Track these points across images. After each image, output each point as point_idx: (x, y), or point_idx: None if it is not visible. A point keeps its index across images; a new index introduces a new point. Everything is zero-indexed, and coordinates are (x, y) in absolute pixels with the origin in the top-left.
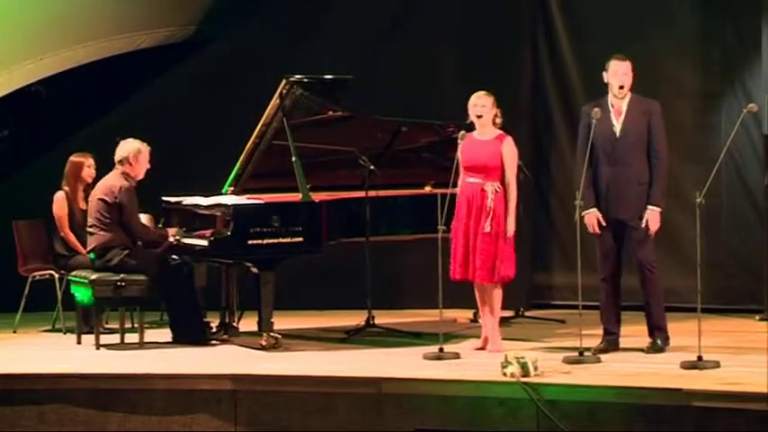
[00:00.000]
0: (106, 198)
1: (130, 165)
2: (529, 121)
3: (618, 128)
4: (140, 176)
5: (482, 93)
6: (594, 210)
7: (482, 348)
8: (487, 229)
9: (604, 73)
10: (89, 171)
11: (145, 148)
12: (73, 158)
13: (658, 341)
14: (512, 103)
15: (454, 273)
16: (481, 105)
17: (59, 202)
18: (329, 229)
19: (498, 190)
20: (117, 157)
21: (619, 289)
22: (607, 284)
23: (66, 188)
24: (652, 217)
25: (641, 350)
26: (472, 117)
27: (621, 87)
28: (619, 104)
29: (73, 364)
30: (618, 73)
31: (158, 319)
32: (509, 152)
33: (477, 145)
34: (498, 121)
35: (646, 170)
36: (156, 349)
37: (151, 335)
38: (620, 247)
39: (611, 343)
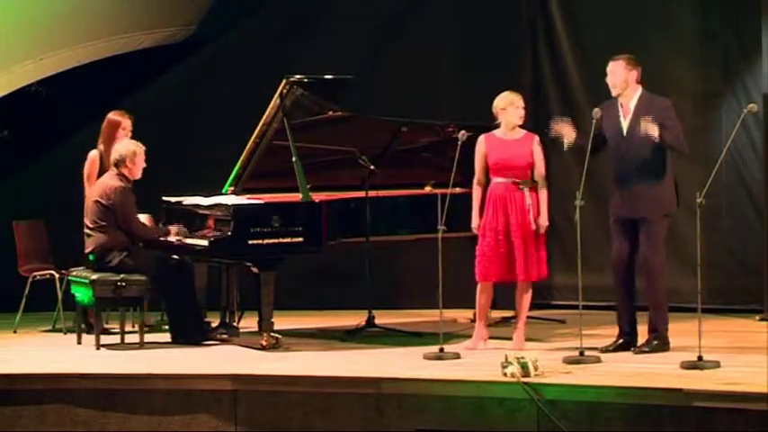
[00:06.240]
0: (101, 200)
1: (127, 167)
2: (529, 121)
3: (625, 126)
4: (137, 176)
5: (518, 95)
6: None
7: (474, 348)
8: (533, 227)
9: None
10: (123, 133)
11: (140, 149)
12: (111, 116)
13: (654, 342)
14: None
15: (489, 275)
16: (523, 108)
17: (93, 160)
18: (329, 229)
19: (532, 187)
20: (112, 159)
21: (632, 288)
22: (620, 283)
23: (101, 147)
24: (648, 124)
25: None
26: (515, 120)
27: (614, 87)
28: (627, 103)
29: (73, 364)
30: (609, 74)
31: (159, 320)
32: (540, 149)
33: (508, 145)
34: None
35: (656, 169)
36: (156, 349)
37: (151, 335)
38: (633, 247)
39: (623, 343)
